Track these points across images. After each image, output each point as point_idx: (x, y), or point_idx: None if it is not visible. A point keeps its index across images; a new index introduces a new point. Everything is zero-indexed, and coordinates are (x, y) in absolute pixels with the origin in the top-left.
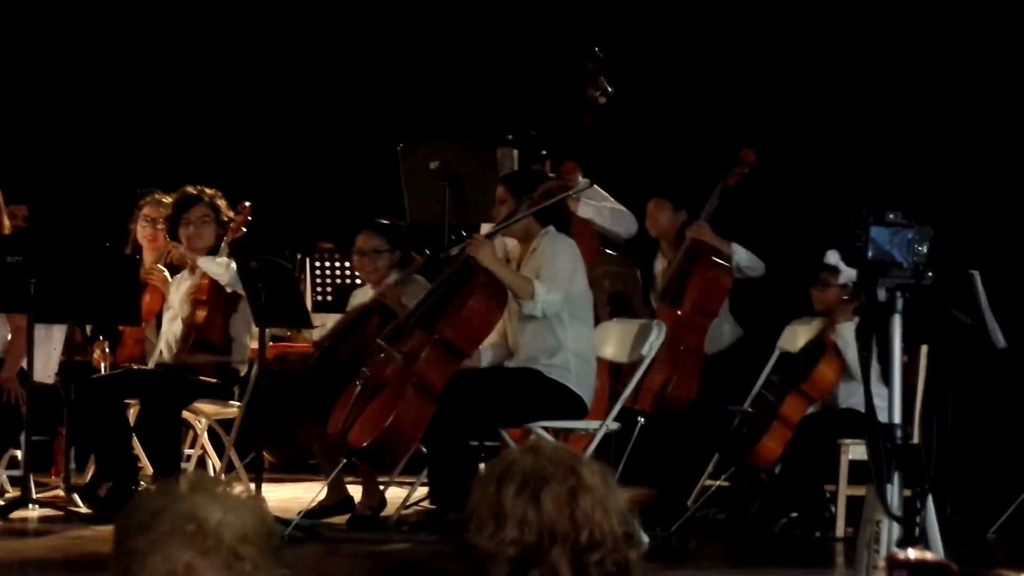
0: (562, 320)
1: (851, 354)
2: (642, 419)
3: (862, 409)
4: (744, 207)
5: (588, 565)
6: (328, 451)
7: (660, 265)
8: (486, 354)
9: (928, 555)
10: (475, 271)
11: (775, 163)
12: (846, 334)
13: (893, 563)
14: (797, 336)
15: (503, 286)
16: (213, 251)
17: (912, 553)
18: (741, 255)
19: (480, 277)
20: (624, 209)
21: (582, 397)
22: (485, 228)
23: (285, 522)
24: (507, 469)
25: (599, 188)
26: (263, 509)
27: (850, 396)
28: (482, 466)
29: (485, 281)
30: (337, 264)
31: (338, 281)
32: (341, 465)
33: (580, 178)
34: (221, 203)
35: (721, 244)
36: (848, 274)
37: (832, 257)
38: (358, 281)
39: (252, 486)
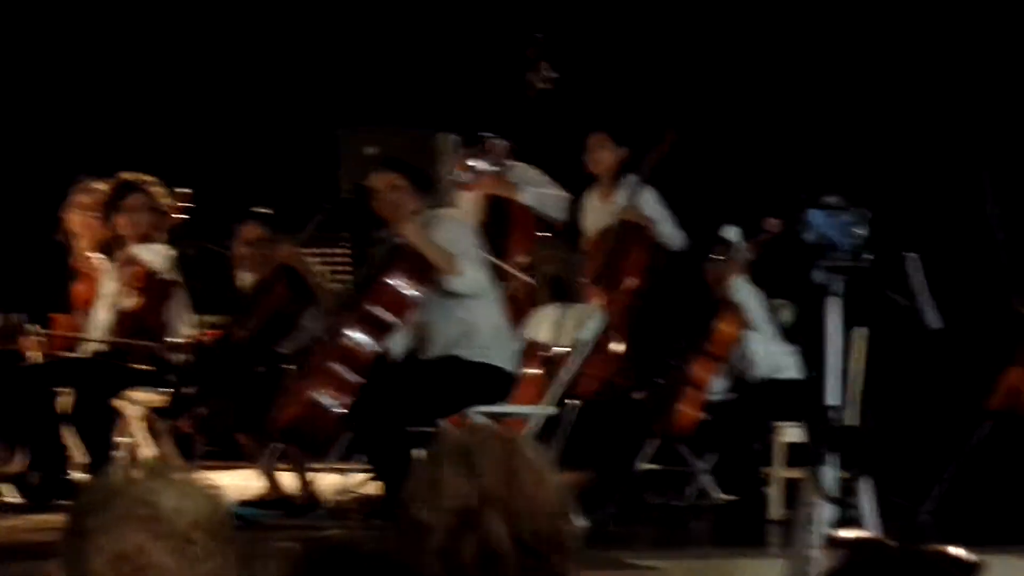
0: (477, 297)
1: (746, 304)
2: (577, 402)
3: (781, 376)
4: (681, 189)
5: (523, 531)
6: (260, 438)
7: (594, 200)
8: (396, 342)
9: (867, 534)
10: (401, 247)
11: (713, 146)
12: (738, 287)
13: (833, 543)
14: None
15: (428, 262)
16: (148, 239)
17: (851, 533)
18: (664, 228)
19: (406, 252)
20: (564, 194)
21: (506, 369)
22: None
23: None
24: (444, 446)
25: (539, 172)
26: (218, 497)
27: (765, 359)
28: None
29: (410, 255)
30: None
31: None
32: (272, 452)
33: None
34: (158, 191)
35: (648, 221)
36: (740, 249)
37: (730, 232)
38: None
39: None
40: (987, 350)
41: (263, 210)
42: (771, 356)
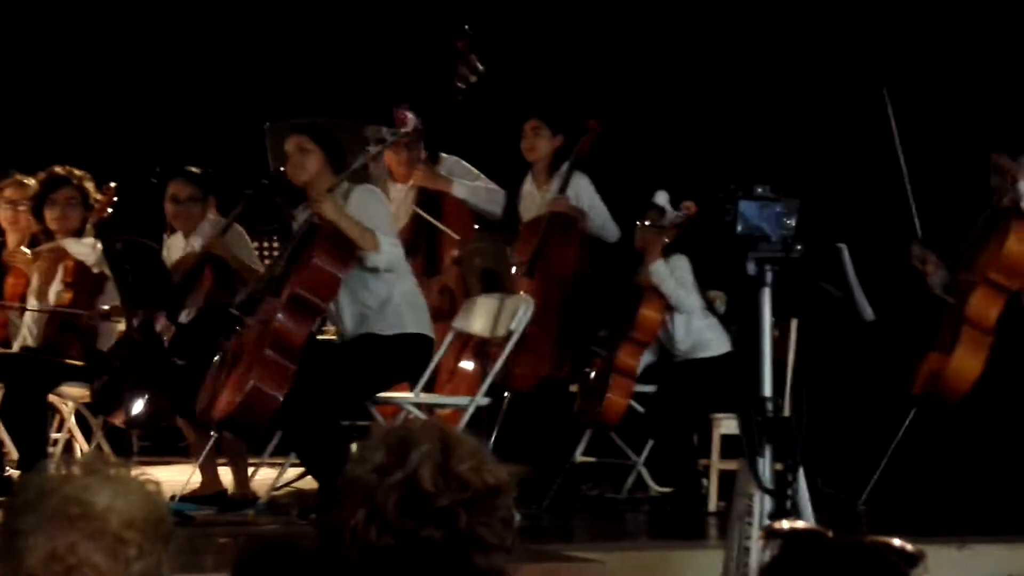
0: (393, 271)
1: (666, 285)
2: (508, 394)
3: (705, 354)
4: (610, 180)
5: (457, 471)
6: (198, 431)
7: (531, 188)
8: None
9: (804, 524)
10: (320, 227)
11: (641, 137)
12: (658, 270)
13: (770, 533)
14: None
15: (348, 240)
16: (79, 232)
17: (787, 523)
18: (596, 221)
19: (325, 231)
20: (497, 188)
21: (424, 334)
22: None
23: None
24: (381, 433)
25: (470, 166)
26: (156, 495)
27: (687, 336)
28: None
29: (330, 234)
30: None
31: None
32: (212, 442)
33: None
34: (89, 185)
35: (579, 213)
36: (671, 216)
37: (661, 198)
38: None
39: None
40: (912, 337)
41: (193, 168)
42: (695, 333)
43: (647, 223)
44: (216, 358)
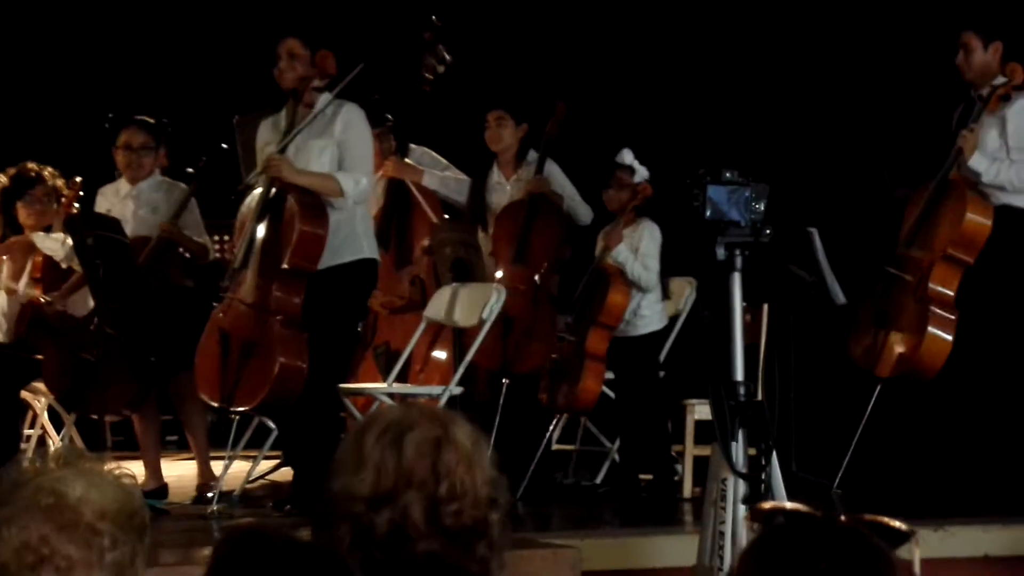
0: (359, 203)
1: (630, 267)
2: (506, 380)
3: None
4: (579, 165)
5: (444, 514)
6: (151, 426)
7: (498, 178)
8: None
9: (790, 504)
10: (285, 192)
11: (610, 121)
12: (621, 255)
13: (756, 515)
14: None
15: (317, 196)
16: (47, 228)
17: (773, 504)
18: (571, 203)
19: (294, 195)
20: (466, 177)
21: (376, 258)
22: None
23: None
24: (374, 418)
25: (438, 156)
26: (130, 487)
27: (640, 319)
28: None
29: (300, 198)
30: None
31: None
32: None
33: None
34: (59, 181)
35: (556, 196)
36: (641, 173)
37: (627, 156)
38: None
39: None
40: (872, 317)
41: (147, 118)
42: (656, 314)
43: (619, 184)
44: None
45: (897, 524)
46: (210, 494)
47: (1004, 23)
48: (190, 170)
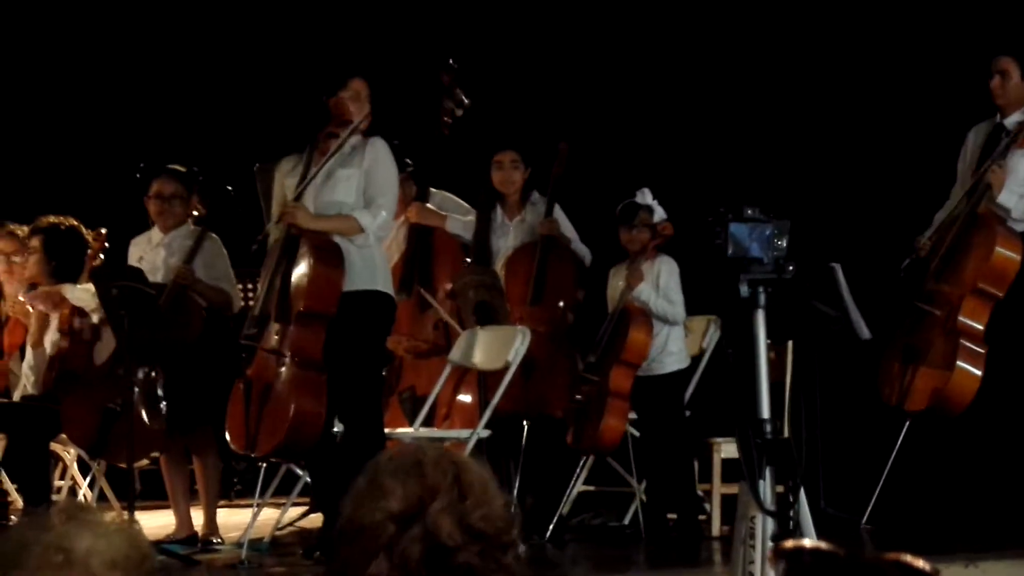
0: (381, 238)
1: (654, 304)
2: (526, 423)
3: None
4: (594, 204)
5: (473, 520)
6: (179, 476)
7: (502, 220)
8: None
9: (811, 543)
10: (301, 239)
11: (631, 159)
12: (644, 293)
13: (780, 553)
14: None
15: (331, 238)
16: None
17: (794, 542)
18: (576, 244)
19: (308, 240)
20: None
21: (390, 294)
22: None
23: (160, 550)
24: (383, 457)
25: (459, 200)
26: (136, 534)
27: (667, 357)
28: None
29: (314, 242)
30: None
31: None
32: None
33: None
34: (87, 233)
35: (565, 237)
36: (660, 212)
37: (646, 196)
38: None
39: (124, 513)
40: (899, 352)
41: (178, 167)
42: (681, 351)
43: (642, 224)
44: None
45: (921, 564)
46: (215, 542)
47: None
48: (195, 213)
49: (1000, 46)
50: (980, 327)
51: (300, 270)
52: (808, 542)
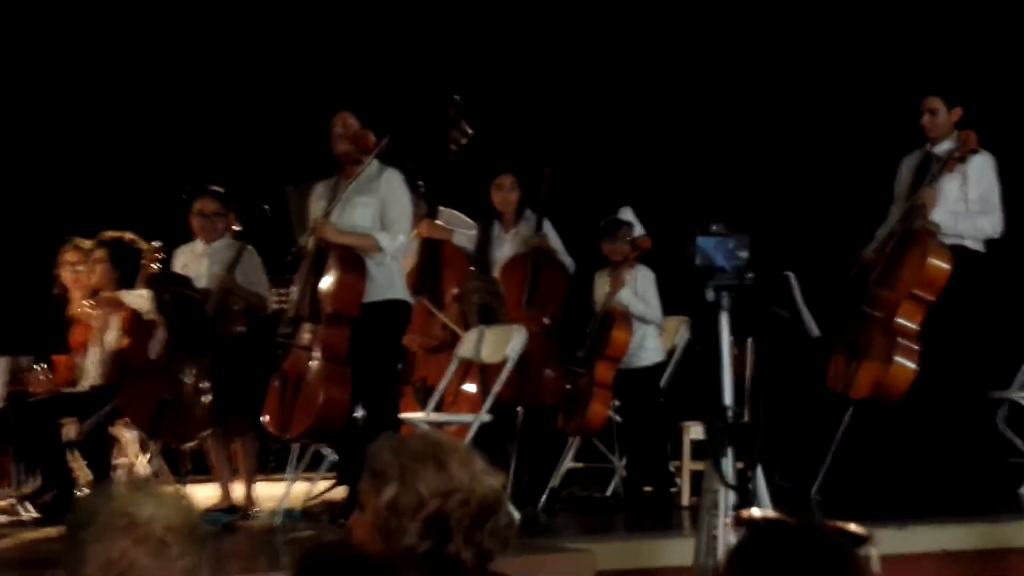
0: (399, 259)
1: (634, 308)
2: (520, 409)
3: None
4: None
5: (472, 517)
6: (222, 455)
7: (499, 232)
8: None
9: (767, 512)
10: (328, 250)
11: (607, 183)
12: (624, 297)
13: (738, 521)
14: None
15: (354, 252)
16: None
17: (753, 512)
18: (563, 256)
19: (335, 252)
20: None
21: (407, 301)
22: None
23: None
24: (416, 440)
25: (464, 216)
26: (189, 504)
27: (644, 352)
28: None
29: (340, 254)
30: None
31: None
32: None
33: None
34: (143, 245)
35: (552, 251)
36: (638, 228)
37: (628, 213)
38: None
39: (180, 486)
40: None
41: (217, 187)
42: (657, 347)
43: (624, 237)
44: (275, 382)
45: (855, 528)
46: (252, 511)
47: (962, 92)
48: (233, 228)
49: (928, 85)
50: (915, 327)
51: (328, 278)
52: (763, 511)
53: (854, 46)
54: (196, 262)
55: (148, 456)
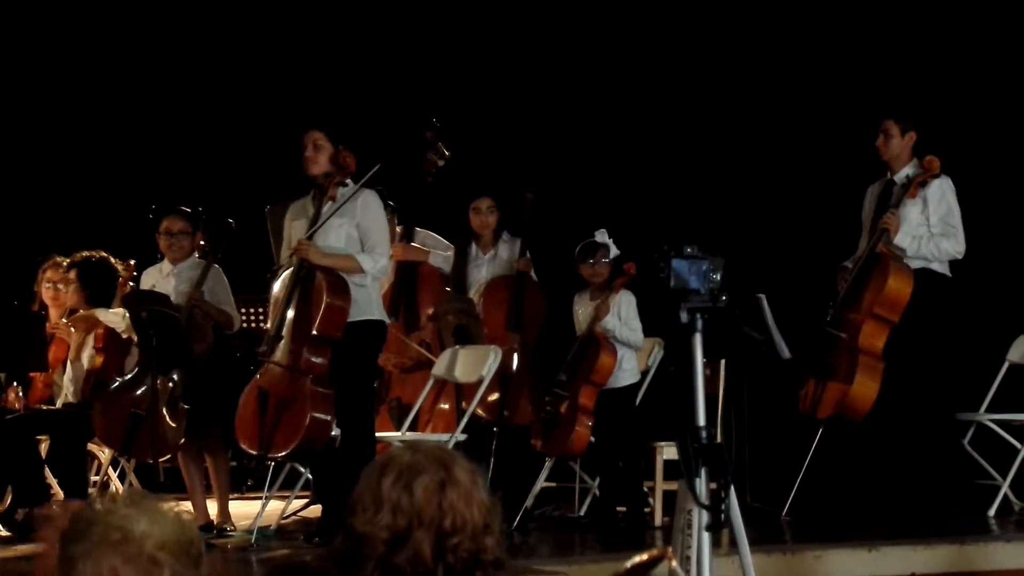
0: (379, 278)
1: (619, 333)
2: (496, 429)
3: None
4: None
5: (447, 548)
6: (196, 471)
7: (476, 253)
8: None
9: (642, 556)
10: (313, 271)
11: (584, 206)
12: (609, 323)
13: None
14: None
15: (340, 275)
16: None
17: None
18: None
19: (320, 274)
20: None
21: (384, 320)
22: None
23: None
24: (388, 461)
25: (439, 237)
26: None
27: (622, 373)
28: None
29: (327, 277)
30: None
31: None
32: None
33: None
34: (117, 264)
35: (532, 274)
36: (613, 250)
37: (602, 236)
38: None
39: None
40: (806, 366)
41: (184, 207)
42: (633, 368)
43: (600, 260)
44: (252, 399)
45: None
46: (228, 529)
47: (918, 117)
48: (202, 243)
49: (895, 110)
50: (878, 346)
51: (314, 300)
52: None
53: (827, 72)
54: (163, 282)
55: (118, 472)
